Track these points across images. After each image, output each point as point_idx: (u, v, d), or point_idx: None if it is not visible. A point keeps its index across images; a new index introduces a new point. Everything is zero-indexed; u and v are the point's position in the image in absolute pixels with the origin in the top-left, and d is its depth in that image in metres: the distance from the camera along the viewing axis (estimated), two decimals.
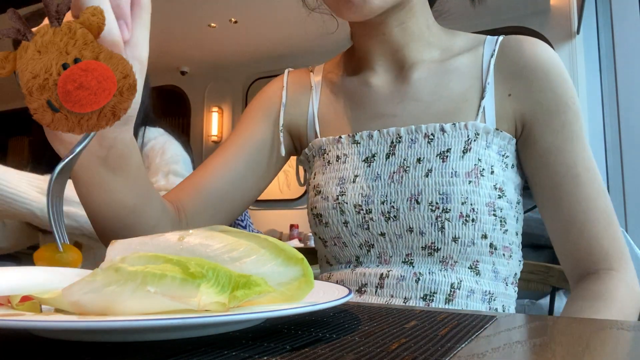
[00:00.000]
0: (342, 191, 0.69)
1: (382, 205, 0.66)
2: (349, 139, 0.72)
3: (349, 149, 0.71)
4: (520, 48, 0.69)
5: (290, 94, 0.81)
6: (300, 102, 0.80)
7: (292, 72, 0.84)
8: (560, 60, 0.69)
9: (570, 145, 0.65)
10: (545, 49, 0.68)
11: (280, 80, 0.83)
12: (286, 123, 0.79)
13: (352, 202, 0.67)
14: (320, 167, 0.74)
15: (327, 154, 0.74)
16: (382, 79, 0.74)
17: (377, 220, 0.66)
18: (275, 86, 0.82)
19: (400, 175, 0.66)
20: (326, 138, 0.74)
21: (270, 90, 0.82)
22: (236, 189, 0.75)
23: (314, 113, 0.78)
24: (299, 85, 0.81)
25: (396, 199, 0.65)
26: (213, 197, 0.73)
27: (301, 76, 0.83)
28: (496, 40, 0.71)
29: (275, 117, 0.79)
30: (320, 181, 0.72)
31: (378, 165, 0.68)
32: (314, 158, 0.77)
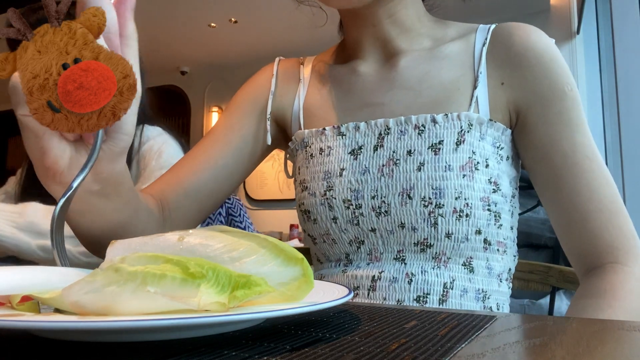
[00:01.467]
0: (329, 186, 0.67)
1: (373, 200, 0.64)
2: (334, 131, 0.70)
3: (333, 141, 0.69)
4: (512, 35, 0.67)
5: (280, 82, 0.79)
6: (288, 93, 0.78)
7: (283, 61, 0.82)
8: (555, 46, 0.66)
9: (568, 133, 0.62)
10: (539, 36, 0.66)
11: (271, 68, 0.81)
12: (273, 112, 0.78)
13: (341, 197, 0.66)
14: (303, 161, 0.72)
15: (309, 146, 0.72)
16: (370, 67, 0.73)
17: (368, 216, 0.64)
18: (266, 74, 0.81)
19: (390, 169, 0.64)
20: (309, 130, 0.72)
21: (260, 78, 0.81)
22: (221, 184, 0.75)
23: (300, 106, 0.76)
24: (289, 75, 0.80)
25: (387, 193, 0.63)
26: (198, 193, 0.72)
27: (291, 67, 0.81)
28: (488, 29, 0.69)
29: (263, 105, 0.78)
30: (305, 176, 0.71)
31: (365, 158, 0.66)
32: (297, 151, 0.75)
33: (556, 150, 0.63)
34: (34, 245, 0.80)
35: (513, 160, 0.69)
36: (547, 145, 0.63)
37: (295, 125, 0.77)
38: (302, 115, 0.76)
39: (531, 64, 0.64)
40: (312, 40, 3.56)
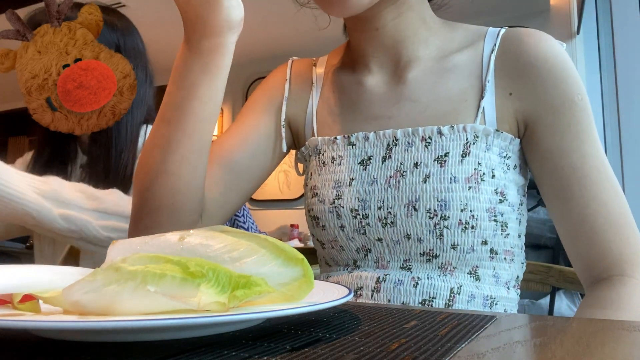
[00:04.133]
0: (338, 195, 0.67)
1: (379, 211, 0.64)
2: (345, 140, 0.70)
3: (344, 151, 0.70)
4: (522, 43, 0.65)
5: (293, 86, 0.79)
6: (302, 97, 0.78)
7: (296, 62, 0.82)
8: (565, 53, 0.65)
9: (577, 144, 0.61)
10: (549, 44, 0.64)
11: (284, 71, 0.80)
12: (287, 117, 0.78)
13: (349, 207, 0.66)
14: (316, 168, 0.73)
15: (322, 154, 0.72)
16: (377, 79, 0.72)
17: (374, 226, 0.65)
18: (279, 77, 0.80)
19: (397, 180, 0.64)
20: (322, 138, 0.72)
21: (274, 81, 0.80)
22: (239, 183, 0.74)
23: (313, 110, 0.76)
24: (302, 78, 0.79)
25: (393, 204, 0.63)
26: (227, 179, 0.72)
27: (305, 68, 0.80)
28: (497, 34, 0.68)
29: (278, 109, 0.77)
30: (316, 182, 0.71)
31: (374, 169, 0.67)
32: (310, 157, 0.75)
33: (565, 162, 0.62)
34: (55, 213, 0.79)
35: (521, 168, 0.68)
36: (556, 156, 0.62)
37: (309, 130, 0.77)
38: (316, 121, 0.76)
39: (541, 74, 0.63)
40: (314, 41, 3.56)
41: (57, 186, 0.80)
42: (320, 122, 0.75)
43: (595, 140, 0.62)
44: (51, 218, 0.78)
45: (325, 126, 0.75)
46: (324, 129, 0.75)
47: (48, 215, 0.78)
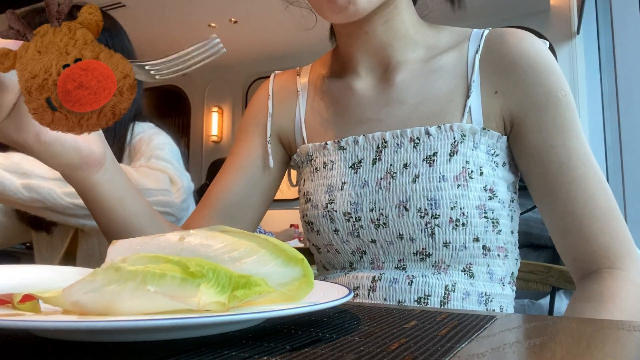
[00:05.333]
0: (330, 199, 0.68)
1: (371, 213, 0.65)
2: (335, 145, 0.71)
3: (335, 155, 0.71)
4: (505, 42, 0.66)
5: (277, 101, 0.80)
6: (287, 108, 0.79)
7: (279, 76, 0.83)
8: (548, 51, 0.66)
9: (563, 139, 0.62)
10: (531, 42, 0.65)
11: (266, 87, 0.82)
12: (275, 132, 0.79)
13: (342, 210, 0.67)
14: (308, 174, 0.74)
15: (314, 160, 0.73)
16: (365, 83, 0.73)
17: (367, 228, 0.66)
18: (262, 95, 0.82)
19: (387, 182, 0.65)
20: (312, 144, 0.74)
21: (257, 101, 0.82)
22: (242, 209, 0.77)
23: (301, 119, 0.77)
24: (285, 90, 0.81)
25: (384, 205, 0.64)
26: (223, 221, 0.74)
27: (288, 80, 0.82)
28: (482, 34, 0.69)
29: (265, 128, 0.79)
30: (309, 188, 0.72)
31: (365, 172, 0.67)
32: (302, 164, 0.76)
33: (551, 157, 0.63)
34: (17, 183, 0.79)
35: (510, 165, 0.69)
36: (543, 151, 0.63)
37: (299, 138, 0.78)
38: (305, 129, 0.77)
39: (524, 71, 0.64)
40: (313, 40, 3.56)
41: (19, 159, 0.81)
42: (311, 129, 0.76)
43: (581, 136, 0.63)
44: (14, 189, 0.79)
45: (316, 133, 0.76)
46: (315, 136, 0.76)
47: (10, 186, 0.79)
